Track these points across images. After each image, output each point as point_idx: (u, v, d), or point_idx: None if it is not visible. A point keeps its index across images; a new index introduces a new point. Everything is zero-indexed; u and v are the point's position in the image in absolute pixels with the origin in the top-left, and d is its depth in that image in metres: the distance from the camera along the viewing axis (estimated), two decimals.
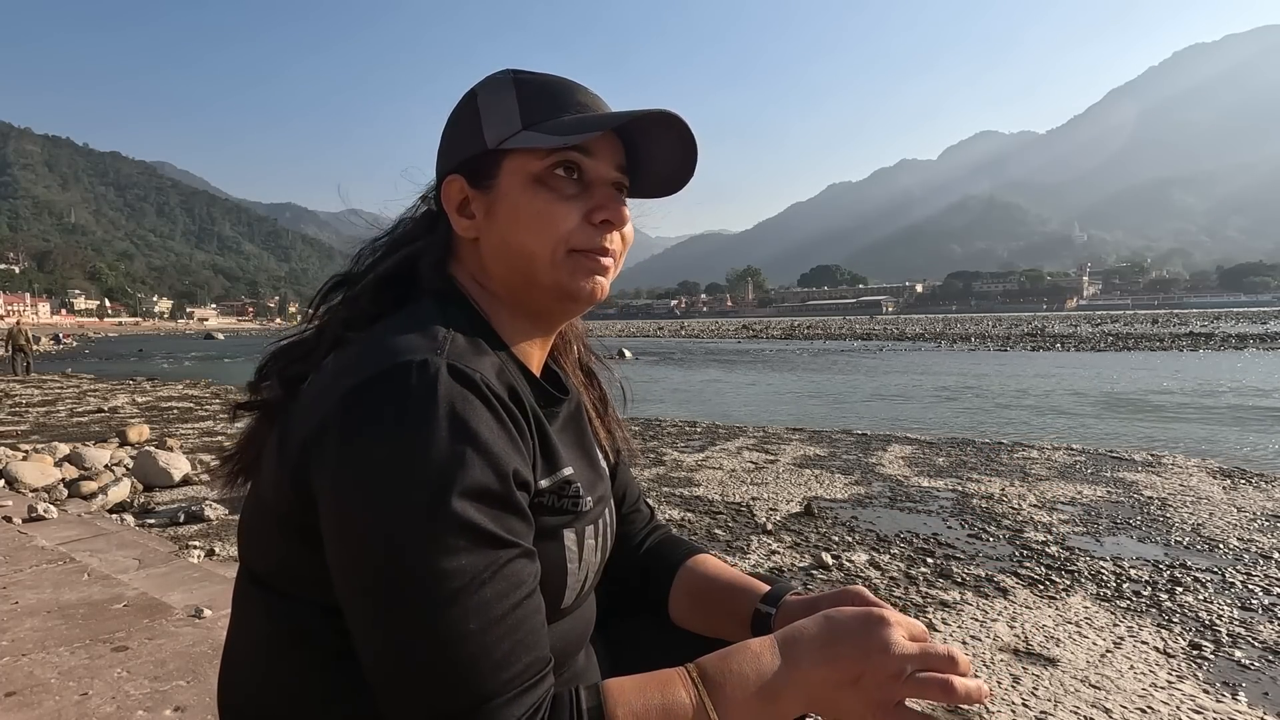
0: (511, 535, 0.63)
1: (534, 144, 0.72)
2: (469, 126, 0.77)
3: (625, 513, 1.00)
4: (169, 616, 2.40)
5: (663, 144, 0.78)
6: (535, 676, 0.61)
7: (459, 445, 0.60)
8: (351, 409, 0.62)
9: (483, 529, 0.60)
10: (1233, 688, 2.29)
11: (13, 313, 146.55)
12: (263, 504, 0.72)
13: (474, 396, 0.63)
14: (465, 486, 0.60)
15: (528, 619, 0.63)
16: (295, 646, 0.71)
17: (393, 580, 0.59)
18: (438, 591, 0.58)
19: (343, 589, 0.63)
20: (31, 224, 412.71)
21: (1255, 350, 22.21)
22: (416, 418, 0.60)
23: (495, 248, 0.76)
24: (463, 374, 0.64)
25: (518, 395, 0.70)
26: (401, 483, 0.59)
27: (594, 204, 0.75)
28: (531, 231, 0.73)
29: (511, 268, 0.76)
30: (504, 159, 0.75)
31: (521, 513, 0.65)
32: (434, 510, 0.59)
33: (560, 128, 0.73)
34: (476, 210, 0.76)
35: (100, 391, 14.41)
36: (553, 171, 0.73)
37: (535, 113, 0.74)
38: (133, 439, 7.51)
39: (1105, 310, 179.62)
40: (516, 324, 0.79)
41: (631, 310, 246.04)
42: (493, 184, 0.75)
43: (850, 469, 5.96)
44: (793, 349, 30.53)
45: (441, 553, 0.58)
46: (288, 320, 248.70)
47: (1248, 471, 5.70)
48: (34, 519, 3.90)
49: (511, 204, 0.74)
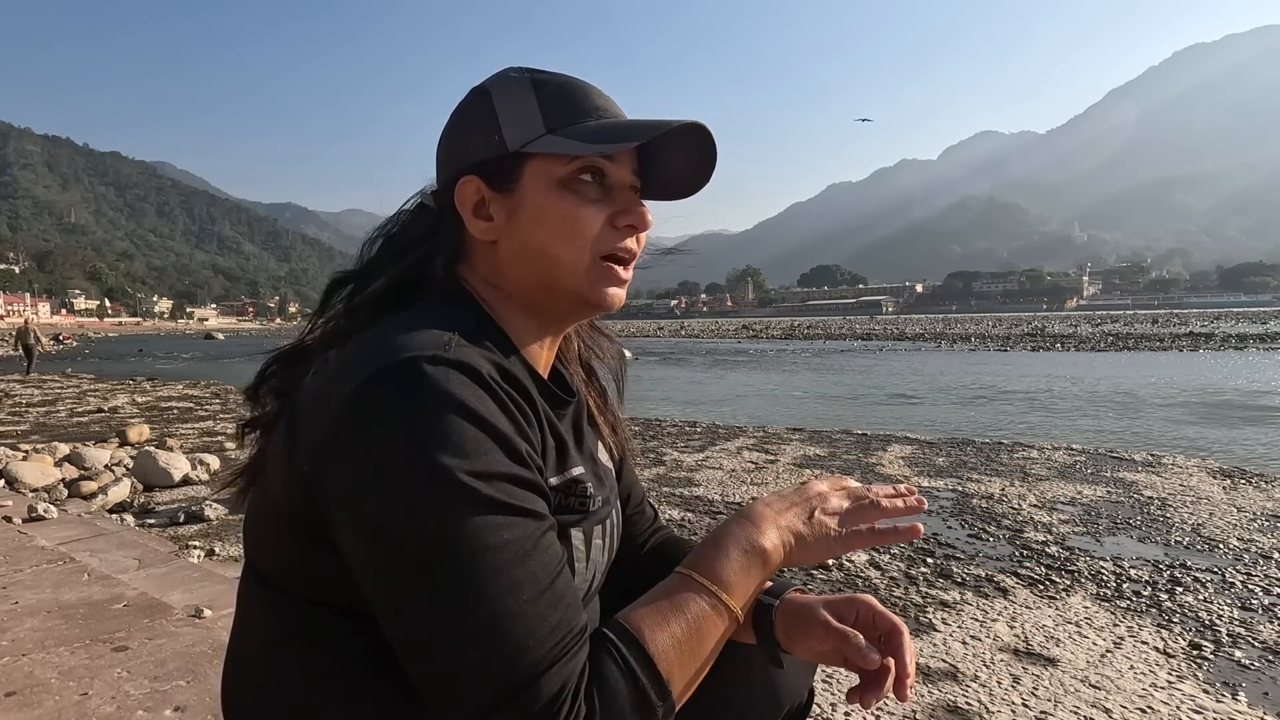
0: (539, 510, 0.64)
1: (561, 150, 0.72)
2: (484, 127, 0.75)
3: (629, 514, 1.00)
4: (169, 616, 2.40)
5: (681, 151, 0.78)
6: (582, 639, 0.63)
7: (473, 430, 0.61)
8: (360, 407, 0.62)
9: (513, 505, 0.61)
10: (1233, 688, 2.29)
11: (14, 312, 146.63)
12: (271, 504, 0.72)
13: (479, 387, 0.63)
14: (486, 469, 0.60)
15: (569, 586, 0.64)
16: (301, 646, 0.71)
17: (434, 569, 0.58)
18: (484, 571, 0.58)
19: (377, 587, 0.62)
20: (31, 224, 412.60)
21: (1255, 350, 22.21)
22: (427, 410, 0.60)
23: (516, 251, 0.75)
24: (467, 366, 0.64)
25: (526, 390, 0.70)
26: (424, 473, 0.59)
27: (617, 208, 0.75)
28: (558, 236, 0.73)
29: (534, 271, 0.75)
30: (526, 162, 0.74)
31: (541, 490, 0.66)
32: (461, 495, 0.59)
33: (588, 134, 0.72)
34: (495, 213, 0.75)
35: (100, 391, 14.42)
36: (577, 176, 0.73)
37: (557, 116, 0.74)
38: (133, 439, 7.52)
39: (1105, 310, 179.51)
40: (527, 325, 0.78)
41: (631, 310, 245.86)
42: (515, 187, 0.74)
43: (850, 469, 5.96)
44: (793, 349, 30.53)
45: (480, 533, 0.59)
46: (287, 320, 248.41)
47: (1248, 471, 5.70)
48: (34, 519, 3.90)
49: (536, 208, 0.74)
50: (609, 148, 0.72)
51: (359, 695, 0.69)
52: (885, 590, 3.19)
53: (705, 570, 0.71)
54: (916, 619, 2.86)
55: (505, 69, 0.79)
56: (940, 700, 2.17)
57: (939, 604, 3.02)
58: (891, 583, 3.28)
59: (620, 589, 0.97)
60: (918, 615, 2.90)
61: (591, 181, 0.74)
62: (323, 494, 0.64)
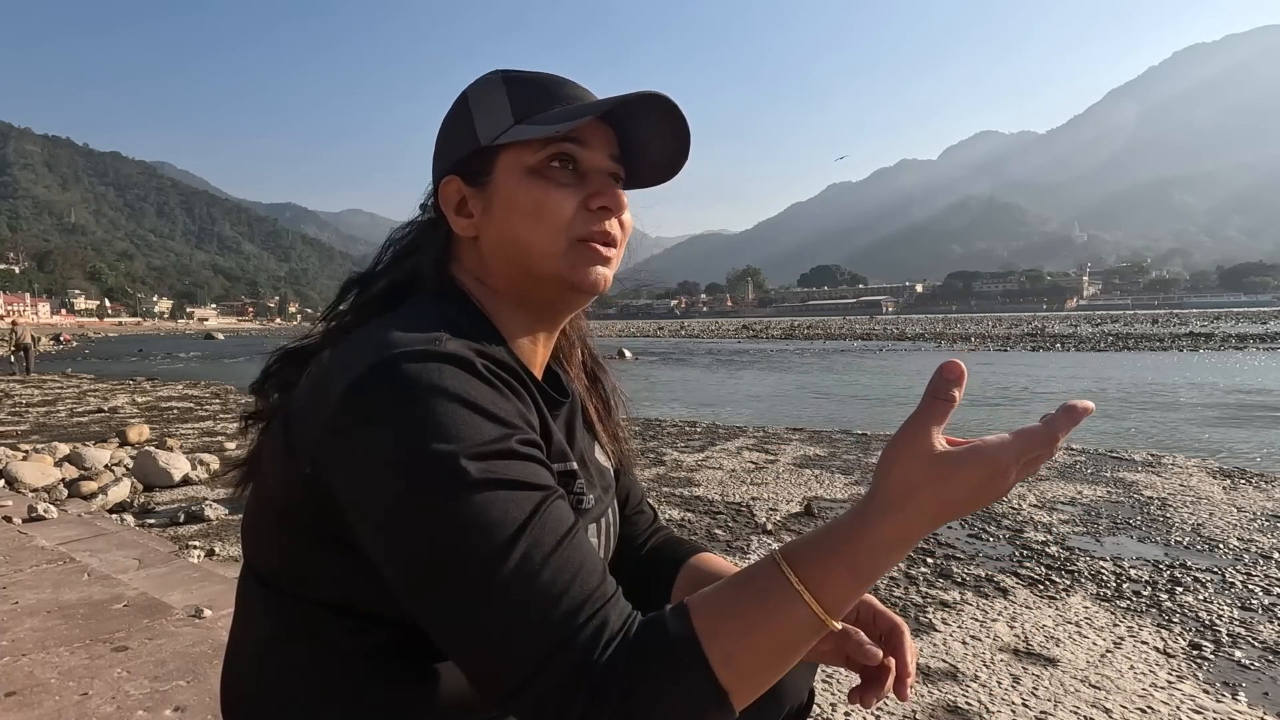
0: (542, 481, 0.63)
1: (526, 135, 0.73)
2: (461, 127, 0.77)
3: (628, 514, 1.01)
4: (169, 616, 2.40)
5: (654, 129, 0.78)
6: (614, 592, 0.61)
7: (464, 413, 0.61)
8: (353, 405, 0.62)
9: (514, 479, 0.61)
10: (1233, 688, 2.29)
11: (11, 313, 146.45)
12: (269, 503, 0.72)
13: (472, 375, 0.64)
14: (481, 448, 0.60)
15: (584, 543, 0.62)
16: (300, 645, 0.71)
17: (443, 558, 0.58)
18: (492, 545, 0.58)
19: (398, 579, 0.62)
20: (31, 224, 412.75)
21: (1255, 350, 22.21)
22: (417, 402, 0.61)
23: (494, 243, 0.76)
24: (455, 357, 0.64)
25: (517, 374, 0.70)
26: (424, 461, 0.59)
27: (590, 191, 0.75)
28: (530, 222, 0.74)
29: (511, 261, 0.76)
30: (499, 155, 0.75)
31: (543, 461, 0.65)
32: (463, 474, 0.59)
33: (551, 118, 0.73)
34: (474, 208, 0.77)
35: (100, 391, 14.42)
36: (548, 164, 0.74)
37: (526, 107, 0.75)
38: (133, 439, 7.52)
39: (1105, 310, 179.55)
40: (517, 318, 0.79)
41: (631, 310, 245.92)
42: (488, 180, 0.76)
43: (850, 469, 5.96)
44: (793, 349, 30.53)
45: (483, 509, 0.59)
46: (288, 320, 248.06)
47: (1248, 471, 5.70)
48: (34, 519, 3.90)
49: (507, 197, 0.74)
50: (568, 125, 0.72)
51: (358, 694, 0.69)
52: (885, 590, 3.19)
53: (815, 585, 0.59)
54: (916, 619, 2.86)
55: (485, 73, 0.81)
56: (940, 700, 2.17)
57: (939, 604, 3.02)
58: (891, 582, 3.28)
59: (622, 583, 0.97)
60: (918, 615, 2.90)
61: (562, 167, 0.74)
62: (326, 493, 0.64)
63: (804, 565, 0.59)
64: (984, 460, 0.57)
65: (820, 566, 0.59)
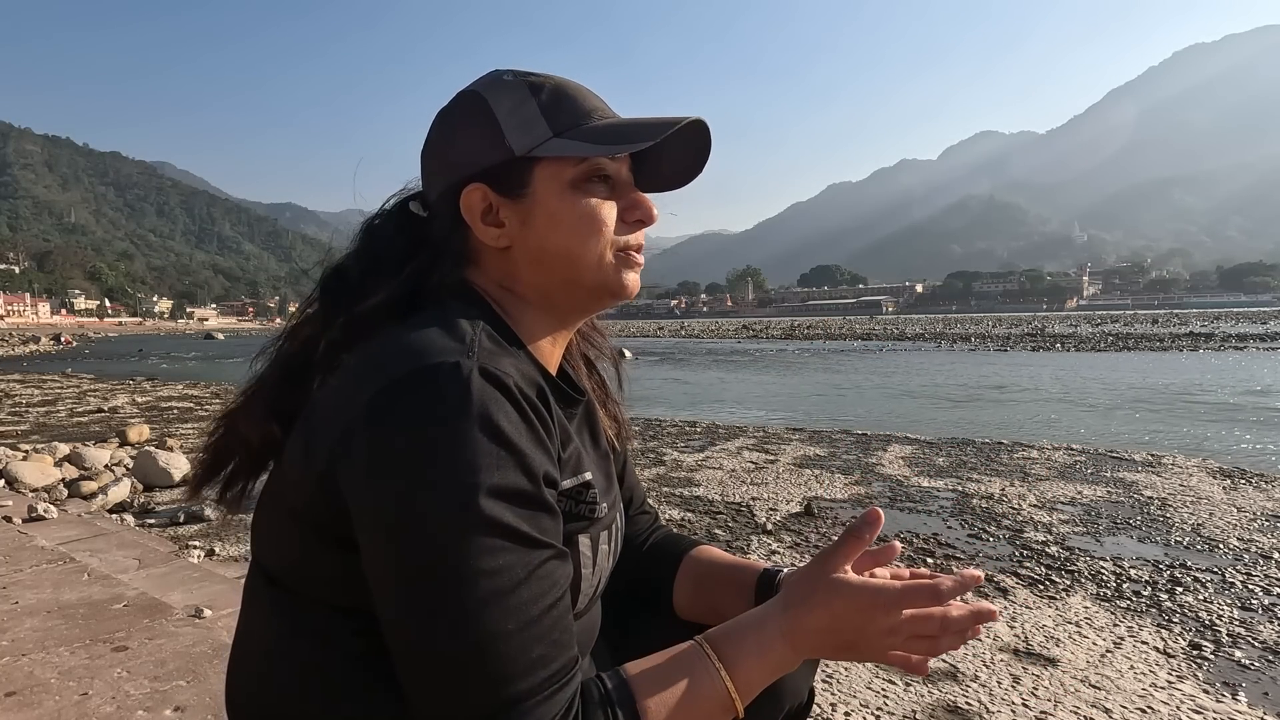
0: (545, 536, 0.63)
1: (573, 153, 0.73)
2: (485, 133, 0.75)
3: (631, 514, 1.03)
4: (169, 616, 2.40)
5: (678, 148, 0.79)
6: (568, 676, 0.62)
7: (493, 447, 0.60)
8: (382, 412, 0.62)
9: (519, 530, 0.61)
10: (1233, 688, 2.29)
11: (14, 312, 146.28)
12: (282, 503, 0.72)
13: (505, 399, 0.63)
14: (501, 488, 0.60)
15: (561, 619, 0.63)
16: (308, 646, 0.71)
17: (432, 581, 0.59)
18: (477, 592, 0.58)
19: (381, 589, 0.62)
20: (31, 224, 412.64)
21: (1255, 350, 22.21)
22: (451, 420, 0.60)
23: (533, 254, 0.76)
24: (494, 376, 0.63)
25: (545, 397, 0.70)
26: (439, 485, 0.59)
27: (626, 203, 0.77)
28: (578, 236, 0.75)
29: (552, 272, 0.76)
30: (535, 166, 0.75)
31: (554, 513, 0.65)
32: (472, 512, 0.59)
33: (596, 136, 0.74)
34: (507, 219, 0.76)
35: (100, 391, 14.41)
36: (588, 177, 0.75)
37: (560, 119, 0.75)
38: (133, 439, 7.51)
39: (1105, 310, 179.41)
40: (541, 325, 0.79)
41: (631, 310, 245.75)
42: (526, 192, 0.75)
43: (850, 469, 5.96)
44: (793, 349, 30.52)
45: (481, 554, 0.59)
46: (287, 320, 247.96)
47: (1248, 471, 5.70)
48: (34, 519, 3.90)
49: (550, 212, 0.75)
50: (622, 148, 0.73)
51: (364, 694, 0.69)
52: None
53: (730, 662, 0.69)
54: None
55: (494, 71, 0.79)
56: (940, 700, 2.17)
57: None
58: None
59: (623, 582, 0.98)
60: None
61: (599, 181, 0.76)
62: (338, 494, 0.64)
63: (721, 645, 0.70)
64: (866, 591, 0.69)
65: (733, 646, 0.70)
